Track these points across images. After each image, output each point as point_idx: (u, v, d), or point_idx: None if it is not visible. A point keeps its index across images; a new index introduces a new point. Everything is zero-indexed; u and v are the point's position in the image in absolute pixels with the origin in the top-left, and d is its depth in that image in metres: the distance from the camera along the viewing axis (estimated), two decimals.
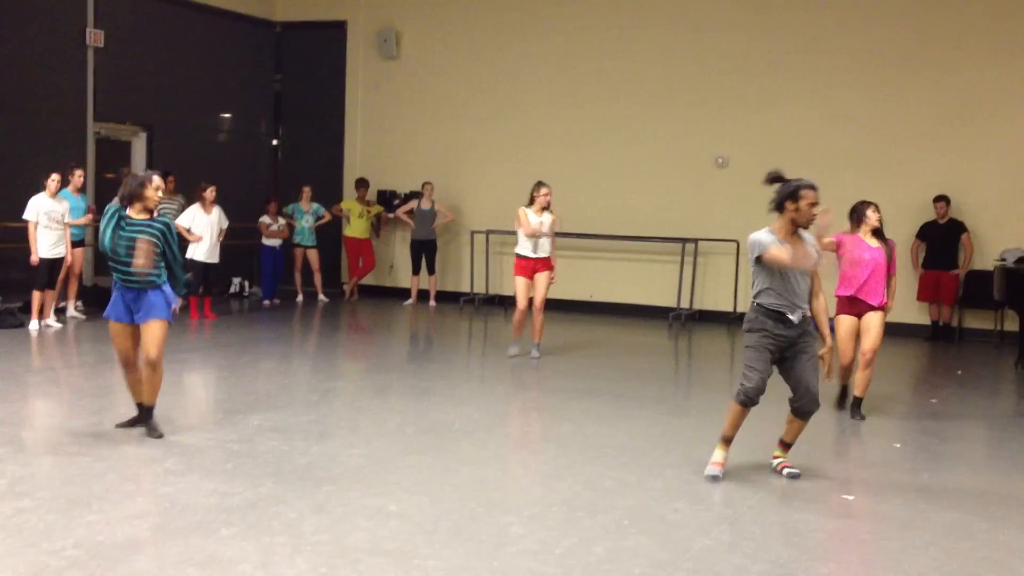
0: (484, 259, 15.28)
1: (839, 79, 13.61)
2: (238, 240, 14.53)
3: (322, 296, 15.38)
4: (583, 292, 14.95)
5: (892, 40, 13.40)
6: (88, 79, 13.85)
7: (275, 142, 17.32)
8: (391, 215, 15.83)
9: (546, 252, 10.48)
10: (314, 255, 15.32)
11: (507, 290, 15.35)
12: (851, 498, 5.85)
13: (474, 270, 15.49)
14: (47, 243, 11.29)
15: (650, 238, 14.30)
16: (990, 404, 9.38)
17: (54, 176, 11.35)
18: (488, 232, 15.03)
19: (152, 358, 6.53)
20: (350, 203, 15.75)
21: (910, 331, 13.03)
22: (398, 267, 16.37)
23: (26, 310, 11.57)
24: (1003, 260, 11.93)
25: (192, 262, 12.53)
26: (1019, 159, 12.86)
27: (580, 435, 7.14)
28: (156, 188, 6.62)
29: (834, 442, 7.35)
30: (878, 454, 7.05)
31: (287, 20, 16.97)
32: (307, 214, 15.24)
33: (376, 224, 15.99)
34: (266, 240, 14.89)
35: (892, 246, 8.15)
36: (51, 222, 11.31)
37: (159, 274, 6.58)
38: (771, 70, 13.92)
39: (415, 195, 15.45)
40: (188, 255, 12.46)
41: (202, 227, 12.60)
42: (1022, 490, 6.11)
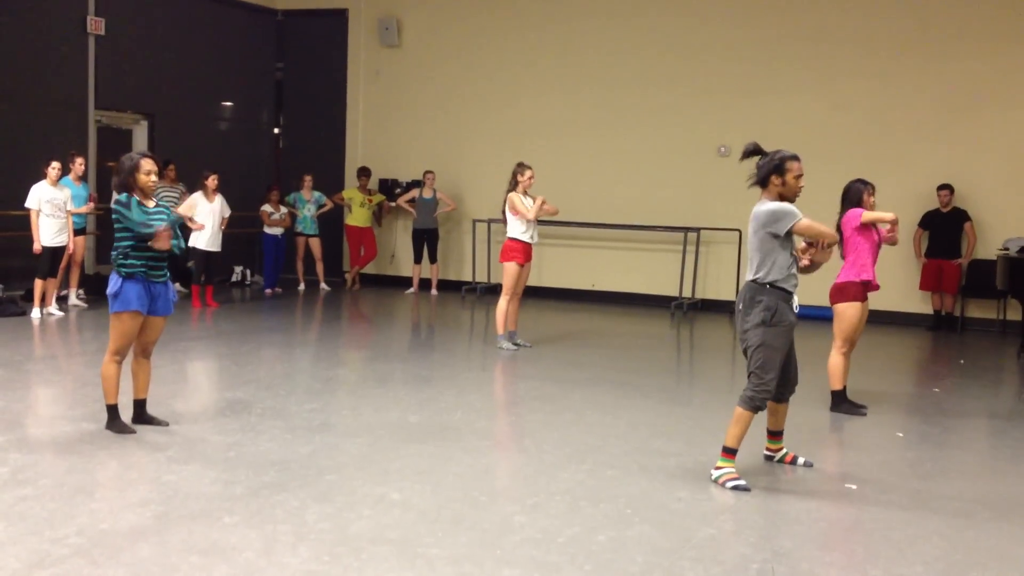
0: (486, 248, 15.26)
1: (842, 67, 13.58)
2: (240, 229, 14.53)
3: (324, 285, 15.38)
4: (585, 281, 14.95)
5: (896, 28, 13.36)
6: (89, 67, 13.83)
7: (276, 130, 17.30)
8: (393, 204, 15.81)
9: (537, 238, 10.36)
10: (316, 244, 15.31)
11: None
12: (854, 487, 5.84)
13: (476, 259, 15.47)
14: (50, 231, 11.28)
15: (652, 227, 14.28)
16: (993, 393, 9.37)
17: (55, 164, 11.34)
18: (490, 221, 15.01)
19: (151, 351, 6.60)
20: (352, 192, 15.73)
21: (913, 320, 13.02)
22: (400, 256, 16.36)
23: (28, 298, 11.58)
24: (1006, 249, 11.92)
25: (194, 250, 12.53)
26: (1023, 148, 12.83)
27: (582, 424, 7.14)
28: (147, 172, 6.44)
29: (836, 431, 7.34)
30: (881, 443, 7.04)
31: (288, 8, 16.94)
32: (308, 203, 15.22)
33: (378, 213, 15.98)
34: (268, 228, 14.87)
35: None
36: (54, 210, 11.30)
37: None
38: (774, 59, 13.89)
39: (417, 184, 15.43)
40: (190, 243, 12.47)
41: (204, 215, 12.59)
42: None
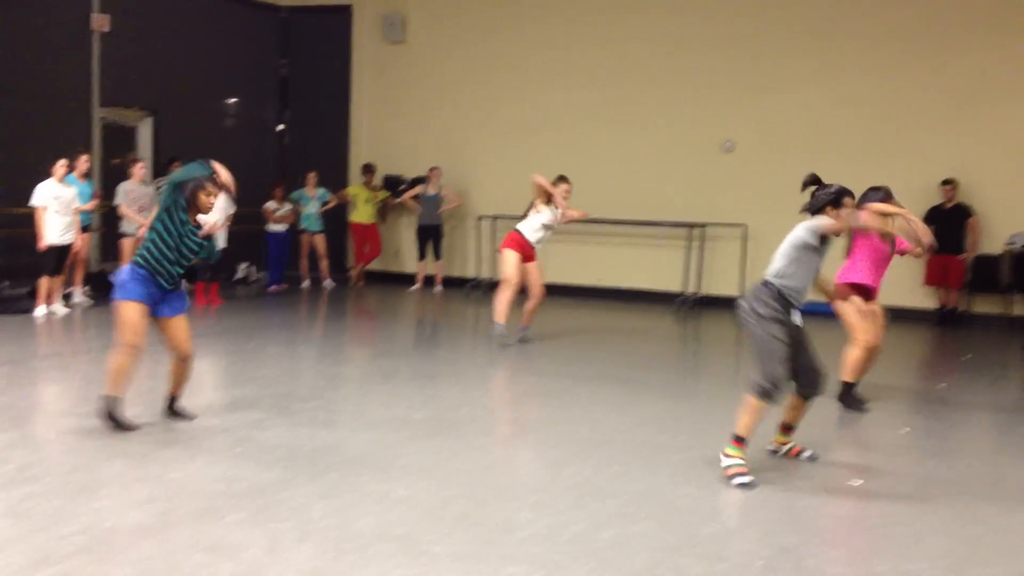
0: (491, 244, 15.25)
1: (847, 62, 13.55)
2: (244, 225, 14.53)
3: (328, 281, 15.38)
4: (590, 277, 14.94)
5: (900, 22, 13.33)
6: (93, 64, 13.83)
7: (281, 127, 17.29)
8: (397, 200, 15.80)
9: (542, 246, 10.45)
10: (320, 240, 15.31)
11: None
12: (859, 483, 5.83)
13: (481, 255, 15.47)
14: (56, 229, 11.29)
15: (657, 223, 14.26)
16: (999, 389, 9.35)
17: (61, 162, 11.34)
18: (495, 217, 15.01)
19: (191, 353, 6.69)
20: (356, 188, 15.73)
21: (918, 316, 13.00)
22: (404, 252, 16.36)
23: (33, 296, 11.59)
24: (1012, 244, 11.90)
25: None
26: None
27: (587, 420, 7.13)
28: (209, 195, 6.38)
29: (841, 427, 7.32)
30: (886, 439, 7.02)
31: (293, 4, 16.93)
32: (313, 199, 15.23)
33: (382, 209, 15.97)
34: (272, 225, 14.88)
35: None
36: (61, 208, 11.31)
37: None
38: (778, 54, 13.86)
39: (421, 180, 15.42)
40: None
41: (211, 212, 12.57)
42: None
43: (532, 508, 5.10)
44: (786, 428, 6.23)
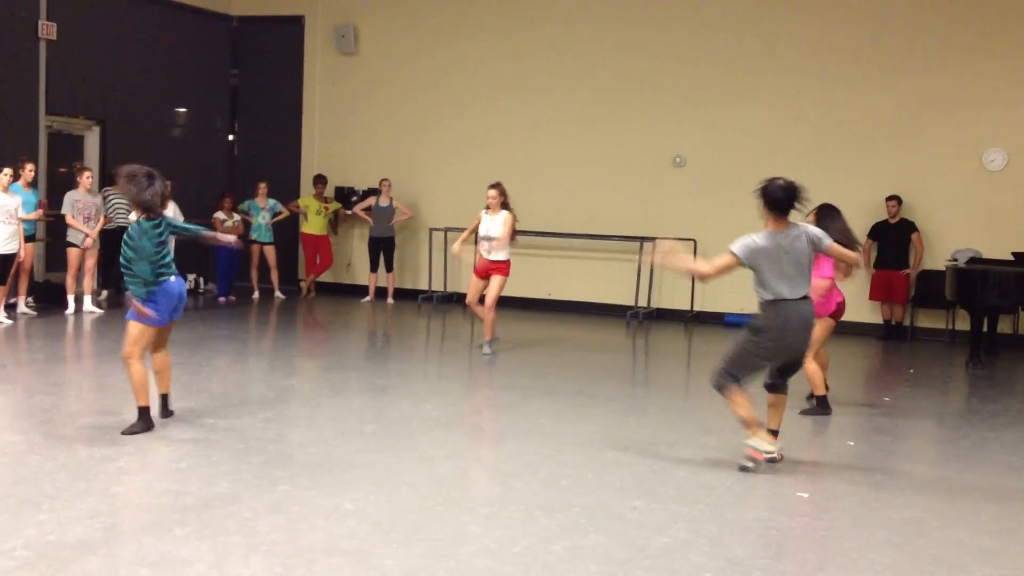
0: (443, 257, 15.25)
1: (795, 79, 13.74)
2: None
3: (279, 293, 15.27)
4: (541, 290, 14.97)
5: (847, 41, 13.54)
6: (40, 72, 13.63)
7: (231, 137, 17.17)
8: (349, 212, 15.74)
9: (498, 257, 10.65)
10: (271, 251, 15.21)
11: (465, 287, 15.33)
12: (806, 496, 5.90)
13: (432, 268, 15.45)
14: (0, 238, 11.10)
15: (608, 236, 14.33)
16: (942, 402, 9.51)
17: (6, 171, 11.18)
18: (447, 229, 15.00)
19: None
20: (307, 200, 15.65)
21: (862, 330, 13.17)
22: (356, 264, 16.29)
23: None
24: (955, 260, 12.11)
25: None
26: (971, 160, 13.05)
27: (538, 433, 7.14)
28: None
29: (789, 440, 7.39)
30: (832, 452, 7.12)
31: (244, 14, 16.82)
32: (263, 210, 15.13)
33: (334, 221, 15.90)
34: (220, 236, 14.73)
35: None
36: (5, 217, 11.14)
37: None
38: (728, 70, 14.01)
39: (373, 192, 15.38)
40: None
41: None
42: (974, 488, 6.20)
43: (482, 522, 5.10)
44: (772, 433, 6.52)
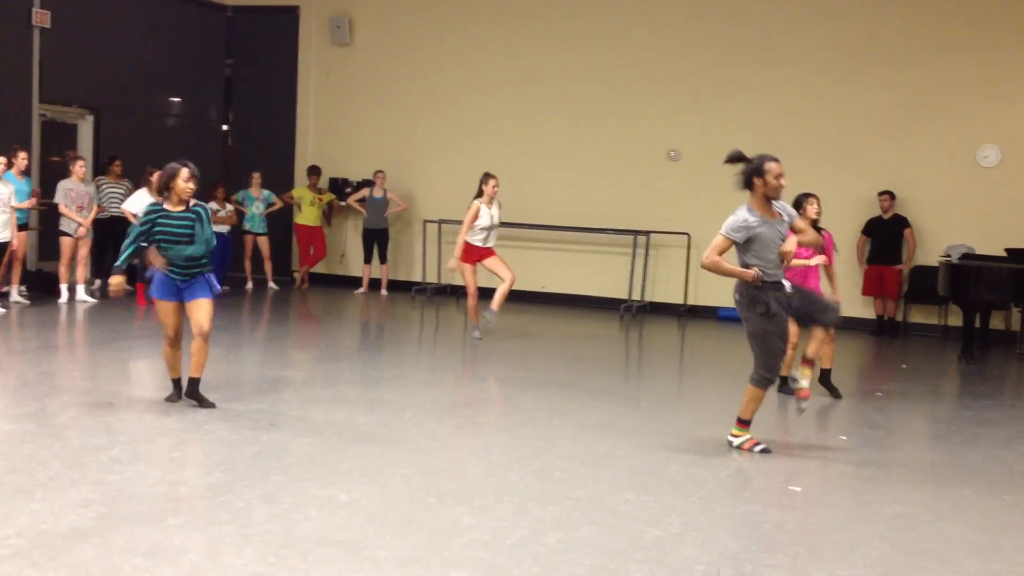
0: (436, 248, 15.24)
1: (790, 74, 13.75)
2: None
3: (272, 284, 15.25)
4: (535, 283, 14.97)
5: (843, 36, 13.55)
6: (34, 60, 13.59)
7: (225, 127, 17.13)
8: (343, 203, 15.72)
9: (493, 242, 10.86)
10: (264, 242, 15.19)
11: (459, 280, 15.32)
12: (799, 490, 5.92)
13: (426, 259, 15.44)
14: None
15: (602, 230, 14.34)
16: (934, 398, 9.54)
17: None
18: (440, 221, 15.00)
19: (205, 331, 7.01)
20: (301, 190, 15.63)
21: (855, 325, 13.19)
22: (349, 256, 16.27)
23: None
24: (948, 256, 12.14)
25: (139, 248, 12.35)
26: (964, 156, 13.08)
27: (531, 426, 7.15)
28: (187, 179, 6.97)
29: (781, 434, 7.42)
30: (825, 446, 7.13)
31: (239, 4, 16.77)
32: (257, 200, 15.11)
33: (328, 212, 15.88)
34: (214, 226, 14.68)
35: (827, 238, 8.44)
36: None
37: (207, 260, 7.15)
38: (724, 64, 14.02)
39: (367, 183, 15.36)
40: None
41: None
42: (965, 483, 6.22)
43: (475, 513, 5.11)
44: (805, 360, 6.78)
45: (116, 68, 14.78)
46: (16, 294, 12.09)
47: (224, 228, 14.75)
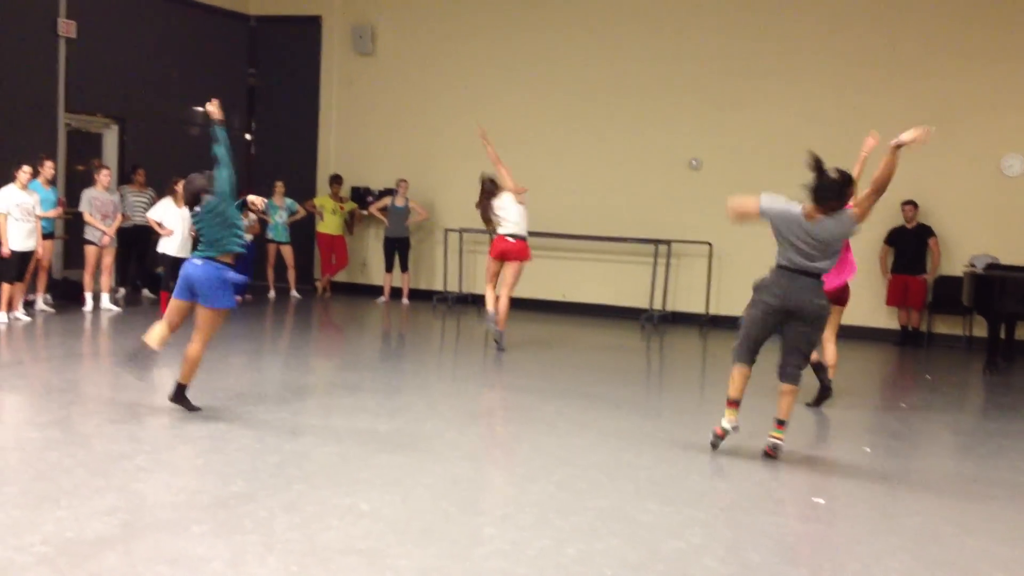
0: (458, 257, 15.26)
1: (812, 83, 13.70)
2: None
3: (294, 292, 15.32)
4: (555, 292, 14.98)
5: (865, 45, 13.50)
6: (59, 70, 13.71)
7: (248, 137, 17.22)
8: (365, 212, 15.78)
9: (514, 230, 11.11)
10: (288, 251, 15.26)
11: (480, 288, 15.34)
12: (822, 502, 5.89)
13: (447, 268, 15.46)
14: (18, 236, 11.17)
15: (623, 239, 14.33)
16: (959, 409, 9.47)
17: (25, 168, 11.24)
18: (462, 230, 15.02)
19: (205, 339, 7.42)
20: (323, 199, 15.69)
21: (879, 336, 13.14)
22: (371, 264, 16.32)
23: None
24: (973, 266, 12.05)
25: (163, 256, 12.44)
26: (988, 165, 13.00)
27: (552, 435, 7.14)
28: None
29: (804, 445, 7.39)
30: (848, 458, 7.09)
31: (262, 14, 16.88)
32: (280, 209, 15.17)
33: (349, 221, 15.94)
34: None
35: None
36: (22, 214, 11.20)
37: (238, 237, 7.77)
38: (745, 73, 13.99)
39: (389, 192, 15.41)
40: (159, 249, 12.38)
41: (174, 221, 12.46)
42: (990, 496, 6.17)
43: (497, 523, 5.11)
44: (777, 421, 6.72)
45: (140, 78, 14.90)
46: (41, 302, 12.19)
47: (248, 237, 14.83)
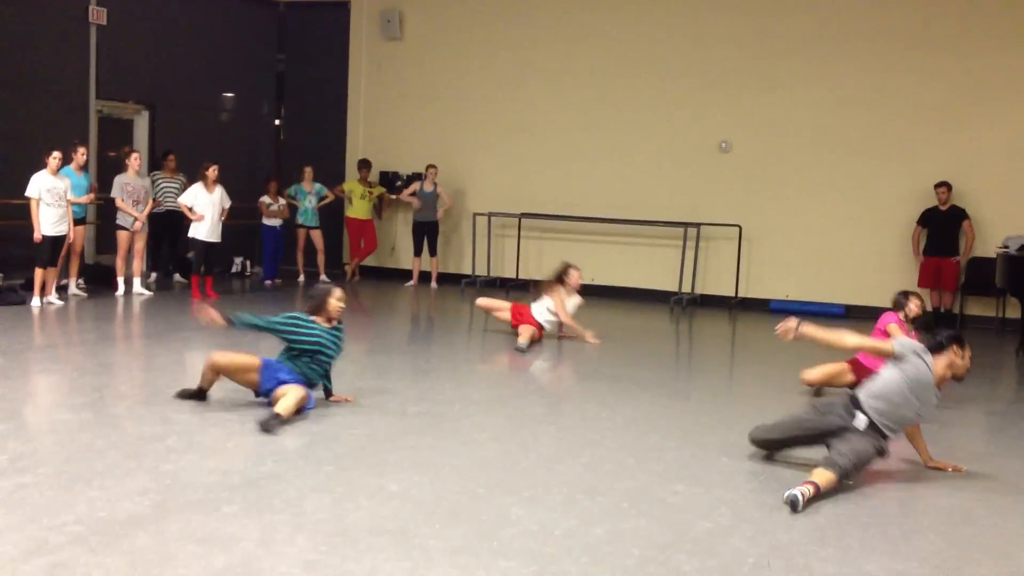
0: (486, 241, 15.27)
1: (843, 63, 13.58)
2: (240, 220, 14.53)
3: (324, 277, 15.38)
4: (585, 275, 14.91)
5: (898, 25, 13.36)
6: (90, 57, 13.84)
7: (277, 122, 17.30)
8: (394, 197, 15.81)
9: (548, 324, 10.59)
10: (318, 235, 15.32)
11: (508, 272, 15.35)
12: (851, 482, 5.85)
13: (476, 252, 15.48)
14: (49, 220, 11.28)
15: (653, 222, 14.28)
16: (991, 391, 9.38)
17: (55, 154, 11.34)
18: (490, 214, 15.02)
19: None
20: (352, 184, 15.73)
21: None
22: (400, 249, 16.37)
23: (28, 287, 11.59)
24: (1006, 247, 11.92)
25: (194, 241, 12.54)
26: (1022, 146, 12.83)
27: (580, 417, 7.15)
28: (339, 299, 7.07)
29: None
30: None
31: (290, 0, 16.91)
32: (309, 194, 15.23)
33: (378, 205, 15.98)
34: (266, 220, 14.87)
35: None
36: (54, 199, 11.30)
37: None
38: (775, 55, 13.89)
39: (418, 177, 15.43)
40: (190, 234, 12.49)
41: (204, 206, 12.57)
42: (1021, 477, 6.12)
43: (524, 504, 5.12)
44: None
45: (170, 64, 15.00)
46: (74, 287, 12.31)
47: (277, 222, 14.92)
